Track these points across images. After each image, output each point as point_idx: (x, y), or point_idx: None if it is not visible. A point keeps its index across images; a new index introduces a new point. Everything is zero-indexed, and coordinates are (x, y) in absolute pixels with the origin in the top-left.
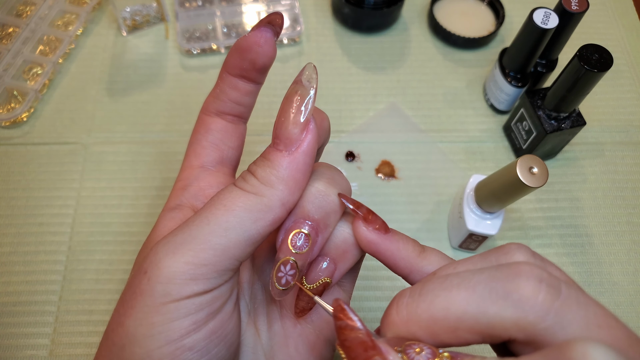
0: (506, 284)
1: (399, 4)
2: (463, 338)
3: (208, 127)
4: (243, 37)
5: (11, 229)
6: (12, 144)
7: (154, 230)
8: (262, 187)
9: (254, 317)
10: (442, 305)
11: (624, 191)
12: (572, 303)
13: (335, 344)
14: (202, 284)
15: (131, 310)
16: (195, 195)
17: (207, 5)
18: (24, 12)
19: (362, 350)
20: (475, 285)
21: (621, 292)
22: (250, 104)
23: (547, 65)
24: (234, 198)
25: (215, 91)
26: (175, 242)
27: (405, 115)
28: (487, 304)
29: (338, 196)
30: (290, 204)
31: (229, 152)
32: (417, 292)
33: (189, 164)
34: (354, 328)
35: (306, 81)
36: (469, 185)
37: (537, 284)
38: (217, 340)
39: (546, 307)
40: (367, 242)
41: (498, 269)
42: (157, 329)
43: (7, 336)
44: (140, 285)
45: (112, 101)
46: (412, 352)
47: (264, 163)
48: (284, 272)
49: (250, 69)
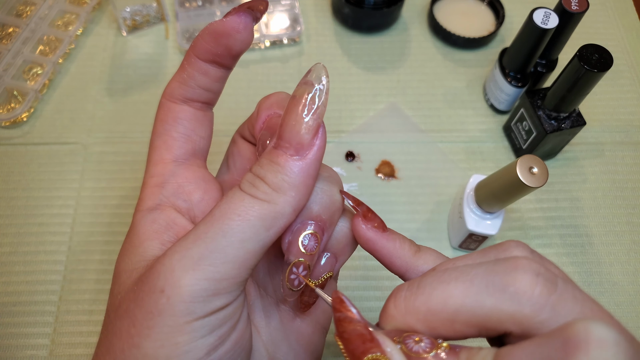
0: (503, 277)
1: (399, 4)
2: (460, 331)
3: (176, 115)
4: (219, 21)
5: (11, 229)
6: (12, 144)
7: (134, 234)
8: (274, 194)
9: (250, 314)
10: (440, 298)
11: (624, 191)
12: (568, 298)
13: (334, 336)
14: (225, 298)
15: (148, 331)
16: (174, 194)
17: (207, 5)
18: (24, 12)
19: (360, 342)
20: (473, 279)
21: (621, 292)
22: (219, 90)
23: (547, 65)
24: (246, 207)
25: (181, 76)
26: (192, 258)
27: (405, 115)
28: (484, 297)
29: (340, 193)
30: (300, 207)
31: (200, 142)
32: (415, 286)
33: (160, 158)
34: (353, 320)
35: (316, 82)
36: (469, 185)
37: (534, 277)
38: (239, 349)
39: (542, 300)
40: (365, 239)
41: (496, 263)
42: (183, 348)
43: (7, 336)
44: (157, 305)
45: (112, 101)
46: (411, 342)
47: (273, 168)
48: (296, 274)
49: (224, 55)
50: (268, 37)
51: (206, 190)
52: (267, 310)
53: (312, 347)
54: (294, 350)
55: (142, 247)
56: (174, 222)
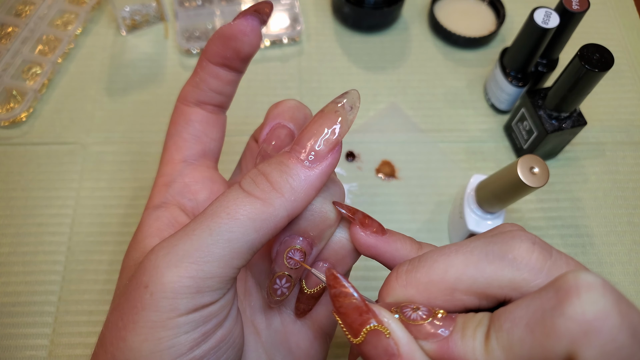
0: (502, 246)
1: (400, 3)
2: (460, 300)
3: (188, 118)
4: (227, 24)
5: (10, 229)
6: (11, 144)
7: (139, 231)
8: (272, 194)
9: (251, 315)
10: (441, 269)
11: (625, 191)
12: (561, 264)
13: (332, 312)
14: (209, 296)
15: (133, 325)
16: (180, 192)
17: (206, 4)
18: (23, 12)
19: (357, 315)
20: (473, 249)
21: (622, 292)
22: (231, 93)
23: (547, 64)
24: (238, 204)
25: (194, 80)
26: (177, 254)
27: (405, 115)
28: (484, 265)
29: (333, 204)
30: (294, 215)
31: (211, 144)
32: (417, 260)
33: (170, 158)
34: (348, 294)
35: (348, 106)
36: (470, 186)
37: (530, 245)
38: (225, 347)
39: (539, 265)
40: (366, 246)
41: (493, 236)
42: (166, 343)
43: (6, 337)
44: (142, 299)
45: (112, 101)
46: (409, 311)
47: (280, 167)
48: (279, 285)
49: (233, 58)
50: (268, 37)
51: (213, 190)
52: (268, 312)
53: (312, 353)
54: (292, 354)
55: (144, 243)
56: (176, 220)
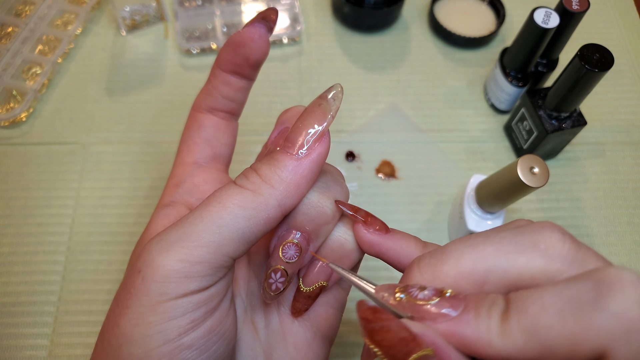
0: (532, 237)
1: (400, 4)
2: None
3: (200, 123)
4: (236, 32)
5: (10, 229)
6: (11, 144)
7: (148, 228)
8: (262, 185)
9: (251, 314)
10: (470, 261)
11: (625, 191)
12: (592, 257)
13: (362, 337)
14: (198, 282)
15: (126, 310)
16: (189, 192)
17: (206, 4)
18: (23, 12)
19: (403, 346)
20: (502, 240)
21: None
22: (242, 100)
23: (547, 64)
24: (229, 195)
25: (207, 87)
26: (169, 240)
27: (405, 115)
28: (515, 256)
29: (335, 203)
30: (287, 207)
31: (222, 148)
32: (440, 253)
33: (182, 161)
34: (391, 328)
35: (332, 99)
36: (470, 186)
37: (561, 235)
38: (215, 338)
39: (572, 255)
40: (370, 244)
41: (521, 227)
42: (155, 328)
43: (6, 337)
44: (134, 284)
45: (112, 101)
46: (415, 290)
47: (269, 162)
48: (274, 280)
49: (243, 65)
50: None
51: None
52: (267, 311)
53: (310, 355)
54: (290, 354)
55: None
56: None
